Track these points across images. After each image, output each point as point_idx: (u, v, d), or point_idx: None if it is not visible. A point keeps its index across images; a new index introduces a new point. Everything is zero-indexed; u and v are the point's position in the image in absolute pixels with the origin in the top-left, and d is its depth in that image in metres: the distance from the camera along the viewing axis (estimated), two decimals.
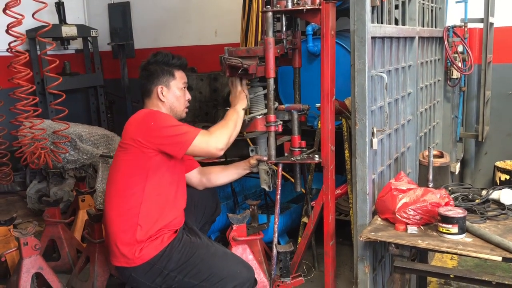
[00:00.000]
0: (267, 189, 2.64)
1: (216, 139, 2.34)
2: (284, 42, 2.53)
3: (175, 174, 2.43)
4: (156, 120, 2.32)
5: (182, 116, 2.57)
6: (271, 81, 2.42)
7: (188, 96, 2.58)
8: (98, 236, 2.87)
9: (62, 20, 5.66)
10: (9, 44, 3.62)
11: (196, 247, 2.36)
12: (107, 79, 6.19)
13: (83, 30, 5.70)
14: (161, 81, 2.48)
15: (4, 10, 3.37)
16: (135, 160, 2.31)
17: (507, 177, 3.57)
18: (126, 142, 2.34)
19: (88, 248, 2.95)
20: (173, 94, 2.50)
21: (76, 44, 6.17)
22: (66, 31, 5.41)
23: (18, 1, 3.35)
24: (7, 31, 3.48)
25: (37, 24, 4.16)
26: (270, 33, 2.39)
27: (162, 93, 2.47)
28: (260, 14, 3.61)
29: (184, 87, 2.55)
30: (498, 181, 3.62)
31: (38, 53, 5.21)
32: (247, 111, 2.60)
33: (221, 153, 2.37)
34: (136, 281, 2.34)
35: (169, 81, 2.49)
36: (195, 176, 2.74)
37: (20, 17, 3.41)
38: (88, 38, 5.89)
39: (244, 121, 2.55)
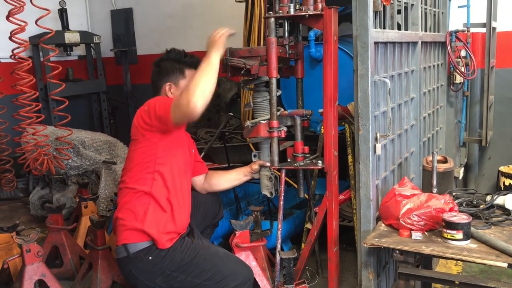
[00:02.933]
0: (268, 195, 2.63)
1: (186, 94, 2.13)
2: (287, 47, 2.52)
3: (182, 178, 2.44)
4: (150, 103, 2.34)
5: None
6: (274, 81, 2.40)
7: None
8: (100, 242, 2.87)
9: (65, 26, 5.68)
10: (12, 50, 3.63)
11: (199, 247, 2.37)
12: (110, 85, 6.20)
13: (86, 37, 5.72)
14: (171, 78, 2.49)
15: (7, 17, 3.39)
16: (142, 148, 2.35)
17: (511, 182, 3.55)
18: (132, 131, 2.39)
19: (91, 255, 2.95)
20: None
21: (79, 50, 6.19)
22: (69, 37, 5.44)
23: (21, 8, 3.36)
24: (10, 38, 3.50)
25: (40, 31, 4.18)
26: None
27: (170, 90, 2.48)
28: (262, 19, 3.62)
29: None
30: (502, 186, 3.59)
31: (41, 59, 5.23)
32: (251, 116, 2.59)
33: (197, 108, 2.12)
34: (135, 278, 2.33)
35: (179, 79, 2.49)
36: (200, 181, 2.75)
37: (23, 24, 3.42)
38: (91, 44, 5.91)
39: (247, 126, 2.54)
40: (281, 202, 2.54)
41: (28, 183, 4.63)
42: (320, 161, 2.51)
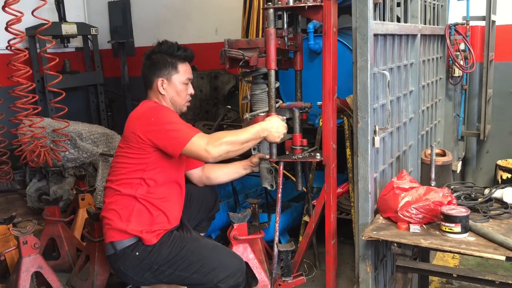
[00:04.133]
0: (268, 187, 2.62)
1: (214, 145, 2.20)
2: (285, 39, 2.51)
3: (173, 174, 2.40)
4: (157, 116, 2.27)
5: (183, 110, 2.52)
6: (272, 73, 2.37)
7: (190, 90, 2.50)
8: (98, 235, 2.86)
9: (62, 18, 5.65)
10: (8, 41, 3.60)
11: (186, 241, 2.34)
12: (107, 77, 6.17)
13: (83, 28, 5.68)
14: (163, 74, 2.40)
15: (3, 8, 3.35)
16: (134, 154, 2.29)
17: (509, 175, 3.56)
18: (127, 135, 2.32)
19: (88, 247, 2.94)
20: (174, 88, 2.42)
21: (76, 42, 6.15)
22: (66, 29, 5.40)
23: None
24: (6, 29, 3.46)
25: (36, 22, 4.14)
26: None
27: (162, 86, 2.40)
28: (261, 11, 3.60)
29: (187, 82, 2.47)
30: (499, 180, 3.61)
31: (38, 51, 5.19)
32: (250, 108, 2.58)
33: (211, 160, 2.27)
34: (124, 275, 2.33)
35: (171, 74, 2.41)
36: (197, 173, 2.72)
37: (19, 14, 3.39)
38: (88, 36, 5.87)
39: (246, 119, 2.53)
40: (279, 195, 2.53)
41: (25, 175, 4.62)
42: (318, 154, 2.50)
